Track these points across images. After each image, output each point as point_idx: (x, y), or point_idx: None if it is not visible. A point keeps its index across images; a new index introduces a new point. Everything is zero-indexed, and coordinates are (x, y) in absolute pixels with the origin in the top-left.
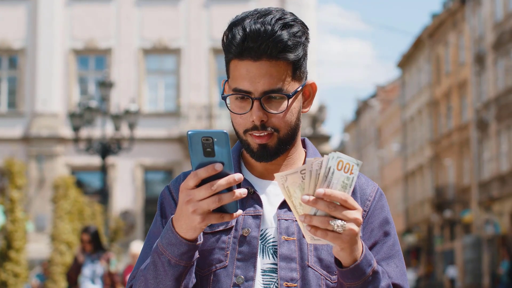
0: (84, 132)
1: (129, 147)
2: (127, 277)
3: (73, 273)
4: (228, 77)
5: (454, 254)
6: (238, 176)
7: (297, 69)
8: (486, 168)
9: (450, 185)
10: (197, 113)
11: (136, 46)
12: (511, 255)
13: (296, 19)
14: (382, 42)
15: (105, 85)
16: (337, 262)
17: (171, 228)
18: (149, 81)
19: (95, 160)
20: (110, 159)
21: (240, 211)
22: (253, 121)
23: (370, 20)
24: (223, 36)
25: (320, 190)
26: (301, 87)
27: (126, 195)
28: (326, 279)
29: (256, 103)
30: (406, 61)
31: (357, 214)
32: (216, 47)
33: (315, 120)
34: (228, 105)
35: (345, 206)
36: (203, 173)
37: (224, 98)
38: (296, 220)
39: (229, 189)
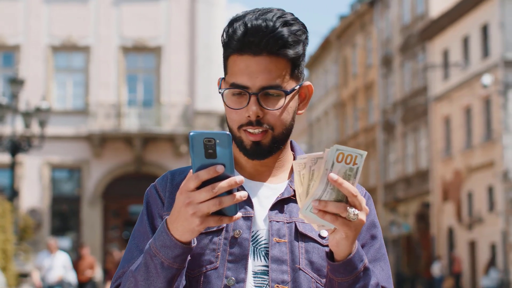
0: None
1: (40, 145)
2: None
3: None
4: (225, 73)
5: None
6: (239, 179)
7: (295, 67)
8: (392, 170)
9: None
10: (105, 112)
11: (45, 43)
12: None
13: (296, 19)
14: None
15: (16, 82)
16: (329, 256)
17: (166, 230)
18: (58, 79)
19: (2, 158)
20: (18, 157)
21: (239, 214)
22: (248, 116)
23: None
24: (223, 32)
25: (333, 176)
26: (298, 86)
27: (33, 193)
28: (316, 282)
29: (253, 98)
30: (313, 62)
31: (365, 205)
32: (126, 45)
33: (224, 120)
34: (225, 101)
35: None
36: (205, 175)
37: (221, 93)
38: (287, 222)
39: (229, 192)
